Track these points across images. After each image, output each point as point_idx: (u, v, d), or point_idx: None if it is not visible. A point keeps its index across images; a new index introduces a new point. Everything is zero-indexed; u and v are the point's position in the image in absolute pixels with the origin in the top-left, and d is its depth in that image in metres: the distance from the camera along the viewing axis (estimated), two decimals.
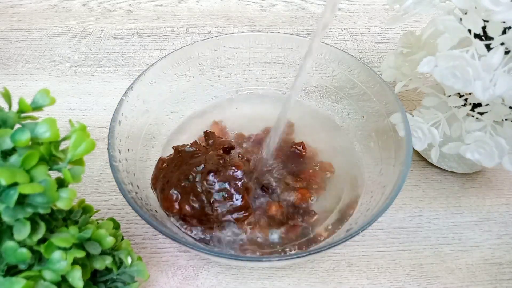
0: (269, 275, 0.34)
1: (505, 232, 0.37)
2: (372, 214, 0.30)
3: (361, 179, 0.37)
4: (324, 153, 0.40)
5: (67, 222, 0.26)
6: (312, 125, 0.43)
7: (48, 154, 0.22)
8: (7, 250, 0.21)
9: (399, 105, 0.35)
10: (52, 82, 0.50)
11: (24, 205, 0.21)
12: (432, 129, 0.34)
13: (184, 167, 0.35)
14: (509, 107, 0.31)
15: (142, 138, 0.38)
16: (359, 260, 0.35)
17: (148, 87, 0.39)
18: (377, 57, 0.54)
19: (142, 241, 0.36)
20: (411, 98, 0.48)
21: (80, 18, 0.60)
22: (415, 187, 0.40)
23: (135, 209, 0.28)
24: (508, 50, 0.28)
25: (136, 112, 0.37)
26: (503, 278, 0.34)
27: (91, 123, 0.45)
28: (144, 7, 0.62)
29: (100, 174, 0.40)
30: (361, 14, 0.62)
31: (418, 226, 0.37)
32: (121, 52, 0.54)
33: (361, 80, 0.40)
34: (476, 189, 0.40)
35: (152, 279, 0.33)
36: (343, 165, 0.39)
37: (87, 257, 0.25)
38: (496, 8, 0.25)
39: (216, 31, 0.58)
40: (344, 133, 0.42)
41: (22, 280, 0.21)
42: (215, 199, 0.33)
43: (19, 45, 0.55)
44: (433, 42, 0.34)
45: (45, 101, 0.23)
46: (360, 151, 0.40)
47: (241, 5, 0.63)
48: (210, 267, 0.34)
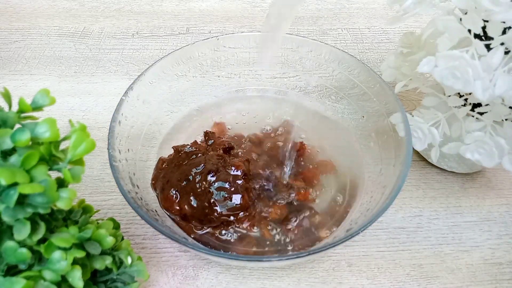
0: (269, 275, 0.34)
1: (505, 232, 0.37)
2: (372, 214, 0.30)
3: (361, 179, 0.37)
4: (324, 153, 0.40)
5: (67, 222, 0.26)
6: (312, 125, 0.43)
7: (48, 154, 0.22)
8: (7, 250, 0.21)
9: (399, 105, 0.35)
10: (52, 82, 0.50)
11: (24, 205, 0.21)
12: (432, 129, 0.34)
13: (184, 167, 0.35)
14: (509, 107, 0.31)
15: (142, 138, 0.38)
16: (359, 260, 0.35)
17: (148, 87, 0.39)
18: (377, 57, 0.54)
19: (142, 241, 0.36)
20: (411, 98, 0.48)
21: (80, 18, 0.60)
22: (415, 187, 0.40)
23: (135, 209, 0.28)
24: (508, 50, 0.28)
25: (136, 112, 0.37)
26: (503, 278, 0.34)
27: (91, 123, 0.45)
28: (144, 7, 0.62)
29: (100, 174, 0.40)
30: (361, 14, 0.62)
31: (418, 226, 0.37)
32: (121, 52, 0.54)
33: (361, 80, 0.40)
34: (476, 189, 0.40)
35: (152, 279, 0.33)
36: (343, 165, 0.39)
37: (87, 257, 0.25)
38: (496, 8, 0.25)
39: (216, 31, 0.58)
40: (344, 133, 0.42)
41: (22, 280, 0.21)
42: (215, 199, 0.33)
43: (19, 45, 0.55)
44: (433, 42, 0.34)
45: (45, 101, 0.23)
46: (360, 151, 0.40)
47: (241, 5, 0.63)
48: (210, 267, 0.34)
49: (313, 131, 0.42)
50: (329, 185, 0.38)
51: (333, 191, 0.37)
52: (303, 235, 0.34)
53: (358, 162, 0.39)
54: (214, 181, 0.33)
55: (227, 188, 0.33)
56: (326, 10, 0.62)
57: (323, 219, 0.35)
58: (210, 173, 0.33)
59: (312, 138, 0.41)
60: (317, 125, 0.43)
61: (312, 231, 0.34)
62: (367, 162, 0.38)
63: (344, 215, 0.35)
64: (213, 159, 0.35)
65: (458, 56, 0.27)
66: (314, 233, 0.34)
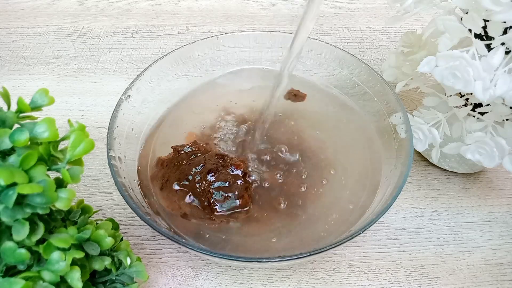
0: (269, 276, 0.34)
1: (506, 232, 0.37)
2: (373, 214, 0.30)
3: (362, 179, 0.37)
4: (325, 152, 0.40)
5: (66, 222, 0.26)
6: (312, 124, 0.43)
7: (47, 154, 0.22)
8: (6, 251, 0.21)
9: (400, 105, 0.35)
10: (50, 81, 0.50)
11: (23, 205, 0.20)
12: (433, 130, 0.34)
13: (183, 166, 0.35)
14: (509, 107, 0.31)
15: (141, 138, 0.38)
16: (360, 261, 0.35)
17: (147, 86, 0.39)
18: (378, 57, 0.54)
19: (141, 241, 0.36)
20: (412, 98, 0.48)
21: (79, 17, 0.60)
22: (416, 188, 0.40)
23: (134, 209, 0.28)
24: (508, 50, 0.28)
25: (135, 112, 0.37)
26: (504, 278, 0.34)
27: (90, 123, 0.45)
28: (144, 6, 0.62)
29: (99, 174, 0.40)
30: (362, 13, 0.61)
31: (419, 227, 0.37)
32: (120, 51, 0.54)
33: (361, 80, 0.40)
34: (477, 189, 0.40)
35: (151, 280, 0.33)
36: (343, 165, 0.39)
37: (86, 257, 0.25)
38: (496, 8, 0.25)
39: (216, 30, 0.58)
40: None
41: (21, 281, 0.21)
42: (215, 199, 0.33)
43: (17, 44, 0.55)
44: (434, 41, 0.34)
45: (44, 101, 0.22)
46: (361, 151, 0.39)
47: (241, 4, 0.63)
48: (209, 268, 0.34)
49: (315, 129, 0.42)
50: (329, 185, 0.37)
51: (333, 190, 0.37)
52: (303, 235, 0.34)
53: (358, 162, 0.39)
54: (214, 180, 0.33)
55: (227, 187, 0.33)
56: (327, 9, 0.62)
57: (324, 219, 0.35)
58: (210, 172, 0.33)
59: (314, 136, 0.41)
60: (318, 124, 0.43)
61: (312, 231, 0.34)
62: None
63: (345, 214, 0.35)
64: (213, 158, 0.35)
65: (459, 56, 0.27)
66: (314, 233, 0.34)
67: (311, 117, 0.42)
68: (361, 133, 0.40)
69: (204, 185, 0.33)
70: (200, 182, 0.33)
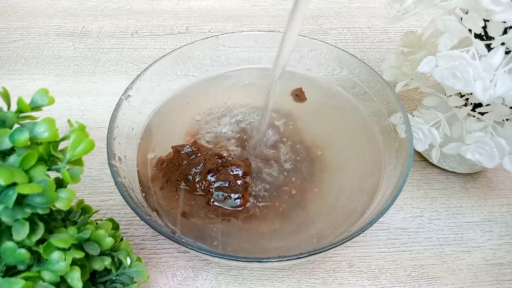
0: (269, 276, 0.34)
1: (506, 232, 0.37)
2: (373, 214, 0.30)
3: (362, 179, 0.37)
4: (325, 152, 0.40)
5: (66, 222, 0.26)
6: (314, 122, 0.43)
7: (47, 154, 0.22)
8: (6, 251, 0.21)
9: (400, 105, 0.35)
10: (50, 81, 0.50)
11: (23, 205, 0.20)
12: (433, 130, 0.34)
13: (183, 166, 0.35)
14: (509, 107, 0.31)
15: (141, 138, 0.38)
16: (360, 261, 0.35)
17: (147, 86, 0.39)
18: (378, 57, 0.54)
19: (141, 241, 0.36)
20: (412, 98, 0.48)
21: (79, 17, 0.60)
22: (416, 188, 0.40)
23: (134, 209, 0.28)
24: (508, 50, 0.28)
25: (135, 112, 0.37)
26: (504, 278, 0.34)
27: (90, 123, 0.45)
28: (144, 6, 0.62)
29: (99, 174, 0.40)
30: (362, 13, 0.61)
31: (419, 227, 0.37)
32: (120, 51, 0.54)
33: (361, 80, 0.40)
34: (478, 189, 0.40)
35: (151, 280, 0.33)
36: (343, 165, 0.39)
37: (86, 257, 0.25)
38: (496, 8, 0.25)
39: (216, 30, 0.58)
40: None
41: (21, 281, 0.21)
42: (215, 199, 0.33)
43: (17, 44, 0.55)
44: (434, 41, 0.34)
45: (44, 101, 0.22)
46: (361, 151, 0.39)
47: (241, 4, 0.63)
48: (209, 268, 0.34)
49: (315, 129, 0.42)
50: (330, 185, 0.37)
51: (334, 189, 0.37)
52: (304, 235, 0.34)
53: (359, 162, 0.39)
54: (214, 180, 0.33)
55: (227, 187, 0.33)
56: (327, 9, 0.62)
57: (323, 218, 0.35)
58: (210, 172, 0.33)
59: (314, 135, 0.41)
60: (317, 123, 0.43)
61: (312, 231, 0.34)
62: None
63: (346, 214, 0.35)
64: (213, 158, 0.35)
65: (459, 56, 0.27)
66: (314, 232, 0.34)
67: (311, 117, 0.42)
68: (361, 133, 0.40)
69: (204, 185, 0.33)
70: (200, 182, 0.33)
